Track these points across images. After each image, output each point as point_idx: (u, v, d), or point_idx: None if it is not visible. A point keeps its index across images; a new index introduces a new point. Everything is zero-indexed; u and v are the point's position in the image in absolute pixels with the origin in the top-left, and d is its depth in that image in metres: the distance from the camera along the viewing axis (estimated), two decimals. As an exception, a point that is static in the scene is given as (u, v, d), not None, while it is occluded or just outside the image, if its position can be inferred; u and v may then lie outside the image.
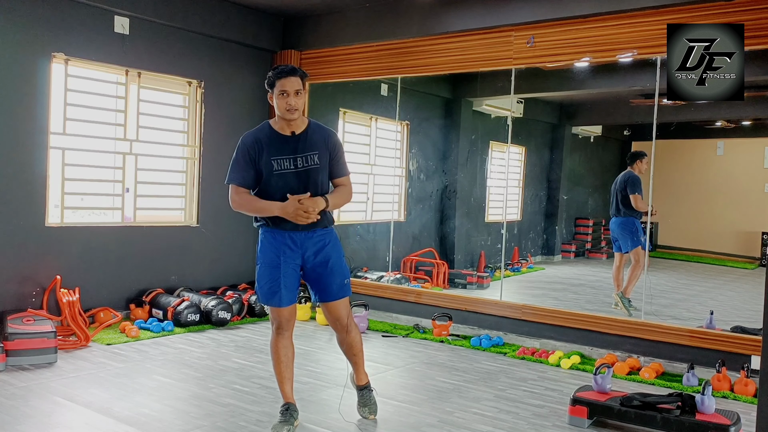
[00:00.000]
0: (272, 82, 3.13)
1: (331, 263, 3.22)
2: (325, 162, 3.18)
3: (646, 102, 5.30)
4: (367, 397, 3.47)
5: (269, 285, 3.16)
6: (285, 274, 3.16)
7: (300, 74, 3.13)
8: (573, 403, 3.51)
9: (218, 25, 6.07)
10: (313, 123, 3.25)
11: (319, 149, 3.16)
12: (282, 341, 3.23)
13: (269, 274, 3.17)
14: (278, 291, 3.15)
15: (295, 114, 3.11)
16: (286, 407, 3.24)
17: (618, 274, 6.02)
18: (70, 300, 4.87)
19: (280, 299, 3.16)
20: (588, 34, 4.92)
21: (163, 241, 5.87)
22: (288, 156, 3.13)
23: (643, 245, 5.93)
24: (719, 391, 4.09)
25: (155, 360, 4.47)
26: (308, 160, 3.14)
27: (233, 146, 3.38)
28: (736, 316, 5.81)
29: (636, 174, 5.94)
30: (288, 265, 3.17)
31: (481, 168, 8.11)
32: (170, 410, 3.50)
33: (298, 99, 3.10)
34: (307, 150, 3.15)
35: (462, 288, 6.93)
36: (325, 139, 3.21)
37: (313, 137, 3.19)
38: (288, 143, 3.15)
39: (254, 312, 5.88)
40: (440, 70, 5.89)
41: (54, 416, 3.35)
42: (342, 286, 3.27)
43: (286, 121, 3.15)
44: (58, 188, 5.18)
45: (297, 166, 3.12)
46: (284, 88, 3.08)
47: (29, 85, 4.92)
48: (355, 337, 3.38)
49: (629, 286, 5.79)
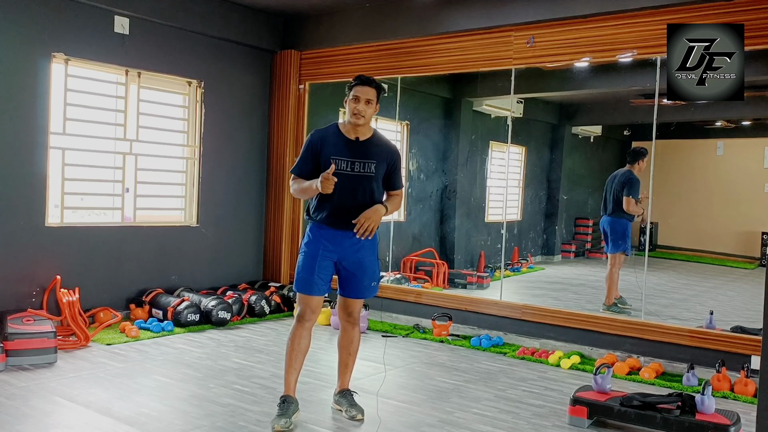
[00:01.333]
0: (351, 86, 3.39)
1: (364, 264, 3.40)
2: (380, 173, 3.36)
3: (646, 102, 5.30)
4: (352, 399, 3.53)
5: (305, 274, 3.35)
6: (321, 266, 3.34)
7: (376, 86, 3.37)
8: (573, 403, 3.51)
9: (218, 25, 6.07)
10: (378, 134, 3.45)
11: (378, 160, 3.35)
12: (301, 330, 3.38)
13: (308, 263, 3.35)
14: (312, 280, 3.33)
15: (360, 120, 3.31)
16: (284, 400, 3.34)
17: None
18: (70, 300, 4.87)
19: (311, 288, 3.34)
20: (588, 34, 4.92)
21: (163, 241, 5.87)
22: (347, 158, 3.31)
23: (627, 251, 5.91)
24: (719, 391, 4.09)
25: (155, 360, 4.47)
26: (365, 167, 3.32)
27: (233, 146, 3.42)
28: (736, 316, 5.81)
29: (636, 175, 5.83)
30: (326, 259, 3.35)
31: (481, 168, 8.11)
32: (170, 410, 3.50)
33: (367, 107, 3.32)
34: (366, 157, 3.33)
35: (462, 288, 6.93)
36: (386, 152, 3.40)
37: (375, 148, 3.38)
38: (349, 146, 3.34)
39: (254, 312, 5.88)
40: (440, 70, 5.89)
41: (54, 416, 3.35)
42: (369, 287, 3.45)
43: (352, 125, 3.35)
44: (58, 188, 5.18)
45: (353, 170, 3.30)
46: (357, 94, 3.33)
47: (29, 85, 4.92)
48: (358, 333, 3.54)
49: (610, 293, 5.76)
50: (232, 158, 6.41)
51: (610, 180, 6.06)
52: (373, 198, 3.36)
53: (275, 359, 4.56)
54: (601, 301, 5.81)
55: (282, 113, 6.66)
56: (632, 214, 5.85)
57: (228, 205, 6.41)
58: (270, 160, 6.73)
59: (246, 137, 6.53)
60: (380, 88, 3.39)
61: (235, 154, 6.44)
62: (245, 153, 6.52)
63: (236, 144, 6.45)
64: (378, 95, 3.37)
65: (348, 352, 3.54)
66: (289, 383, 3.39)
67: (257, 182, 6.70)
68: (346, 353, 3.55)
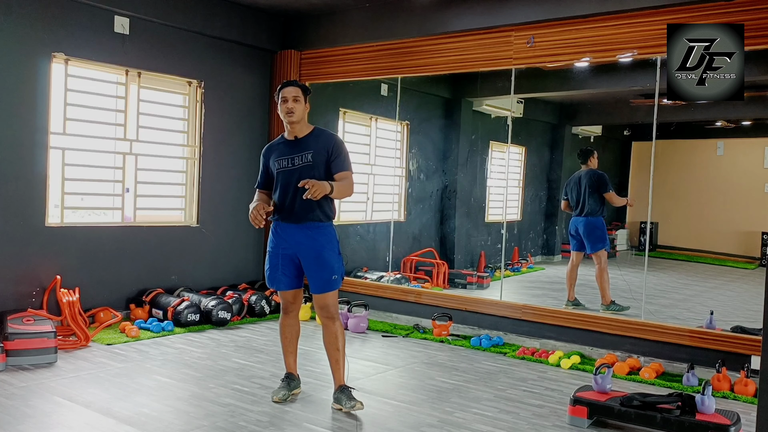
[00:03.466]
0: (277, 92, 3.57)
1: (320, 258, 3.52)
2: (319, 160, 3.50)
3: (646, 102, 5.30)
4: (350, 393, 3.56)
5: (270, 271, 3.63)
6: (283, 262, 3.58)
7: (300, 85, 3.57)
8: (573, 403, 3.51)
9: (218, 25, 6.07)
10: (317, 129, 3.62)
11: (315, 149, 3.52)
12: (287, 320, 3.73)
13: (270, 260, 3.63)
14: (277, 277, 3.61)
15: (293, 116, 3.50)
16: (287, 376, 3.76)
17: (573, 274, 6.00)
18: (70, 300, 4.87)
19: (278, 283, 3.63)
20: (588, 34, 4.92)
21: (163, 241, 5.87)
22: (287, 156, 3.55)
23: (608, 247, 5.95)
24: (719, 391, 4.09)
25: (155, 360, 4.47)
26: (303, 159, 3.51)
27: (233, 146, 3.49)
28: (736, 316, 5.81)
29: (600, 171, 5.89)
30: (286, 254, 3.57)
31: (481, 168, 8.11)
32: (170, 410, 3.50)
33: (296, 104, 3.50)
34: (302, 149, 3.53)
35: (462, 288, 6.93)
36: (323, 141, 3.56)
37: (313, 140, 3.56)
38: (289, 146, 3.58)
39: (254, 312, 5.88)
40: (440, 70, 5.89)
41: (54, 416, 3.35)
42: (330, 281, 3.53)
43: (290, 126, 3.56)
44: (58, 188, 5.18)
45: (293, 164, 3.52)
46: (284, 95, 3.52)
47: (29, 85, 4.92)
48: (339, 328, 3.59)
49: (605, 292, 5.77)
50: (232, 158, 6.41)
51: (574, 183, 6.09)
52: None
53: (275, 359, 4.56)
54: (600, 300, 5.81)
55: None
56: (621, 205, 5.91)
57: (228, 205, 6.41)
58: (270, 160, 6.72)
59: (246, 137, 6.53)
60: (305, 87, 3.58)
61: (235, 154, 6.43)
62: (245, 153, 6.52)
63: (236, 144, 6.44)
64: (304, 93, 3.54)
65: (335, 348, 3.59)
66: (289, 363, 3.79)
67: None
68: (334, 349, 3.60)
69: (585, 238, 5.99)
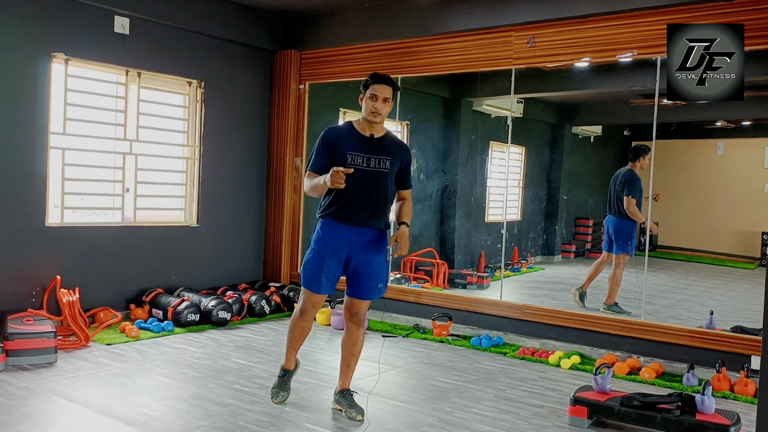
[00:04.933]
0: (367, 84, 3.37)
1: (373, 265, 3.41)
2: (394, 170, 3.40)
3: (646, 102, 5.30)
4: (352, 399, 3.51)
5: (313, 271, 3.39)
6: (329, 265, 3.37)
7: (393, 86, 3.37)
8: (573, 403, 3.51)
9: (218, 25, 6.07)
10: (391, 133, 3.50)
11: (393, 157, 3.39)
12: (302, 322, 3.54)
13: (316, 261, 3.38)
14: (319, 279, 3.38)
15: (377, 118, 3.34)
16: (284, 373, 3.67)
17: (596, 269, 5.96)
18: (70, 300, 4.86)
19: (319, 287, 3.40)
20: (588, 34, 4.92)
21: (163, 241, 5.87)
22: (363, 154, 3.34)
23: (631, 252, 5.87)
24: (719, 391, 4.09)
25: (155, 360, 4.47)
26: (380, 163, 3.35)
27: (233, 146, 3.43)
28: (736, 316, 5.81)
29: (637, 173, 5.77)
30: (334, 258, 3.37)
31: (481, 168, 8.11)
32: (170, 410, 3.50)
33: (385, 106, 3.34)
34: (381, 153, 3.36)
35: (462, 288, 6.93)
36: (400, 150, 3.46)
37: (390, 145, 3.43)
38: (365, 143, 3.37)
39: (254, 312, 5.88)
40: (440, 70, 5.89)
41: (54, 416, 3.35)
42: (376, 288, 3.46)
43: (368, 122, 3.38)
44: (58, 188, 5.18)
45: (369, 165, 3.33)
46: (375, 93, 3.33)
47: (29, 85, 4.92)
48: (362, 334, 3.54)
49: (612, 293, 5.75)
50: (232, 158, 6.41)
51: (612, 179, 6.03)
52: (387, 196, 3.39)
53: (275, 359, 4.56)
54: (602, 301, 5.81)
55: (282, 113, 6.66)
56: (632, 216, 5.77)
57: (228, 205, 6.41)
58: (270, 160, 6.73)
59: (246, 137, 6.53)
60: (397, 86, 3.42)
61: (235, 154, 6.43)
62: (245, 153, 6.52)
63: (236, 144, 6.44)
64: (394, 93, 3.39)
65: (351, 353, 3.52)
66: (290, 358, 3.65)
67: (257, 182, 6.70)
68: (349, 353, 3.52)
69: (612, 238, 5.95)
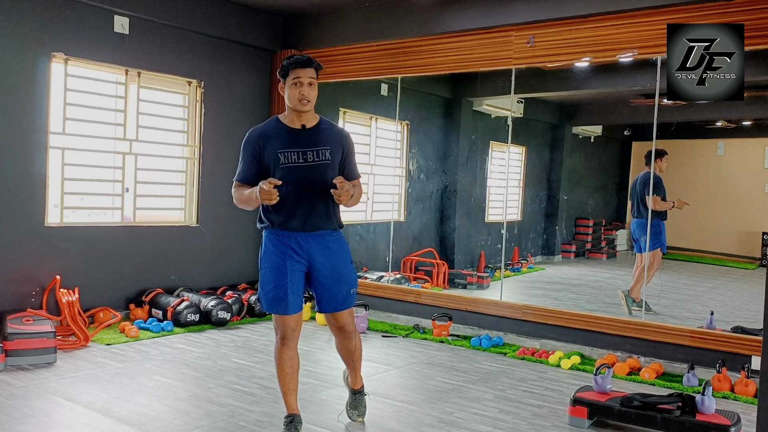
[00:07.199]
0: (286, 71, 2.99)
1: (338, 271, 3.08)
2: (336, 159, 3.04)
3: (647, 102, 5.30)
4: (359, 401, 3.42)
5: (275, 291, 2.99)
6: (292, 279, 2.99)
7: (315, 65, 3.01)
8: (573, 404, 3.51)
9: (218, 24, 6.07)
10: (324, 120, 3.13)
11: (332, 145, 3.03)
12: (287, 352, 3.07)
13: (275, 279, 2.99)
14: (285, 298, 2.98)
15: (307, 106, 2.98)
16: (291, 419, 3.09)
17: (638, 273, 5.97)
18: (69, 300, 4.87)
19: (286, 307, 2.99)
20: (588, 34, 4.92)
21: (162, 241, 5.87)
22: (296, 149, 2.99)
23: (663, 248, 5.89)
24: (719, 391, 4.09)
25: (155, 360, 4.47)
26: (318, 155, 2.99)
27: (233, 146, 3.35)
28: (736, 317, 5.81)
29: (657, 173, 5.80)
30: (294, 271, 3.01)
31: (482, 168, 8.12)
32: (170, 410, 3.50)
33: (312, 90, 2.98)
34: (318, 144, 3.01)
35: (462, 288, 6.93)
36: (338, 136, 3.10)
37: (326, 133, 3.06)
38: (297, 136, 3.01)
39: (254, 312, 5.88)
40: (440, 70, 5.89)
41: (53, 416, 3.35)
42: (348, 296, 3.12)
43: (297, 113, 3.02)
44: (58, 188, 5.18)
45: (306, 160, 2.98)
46: (299, 77, 2.95)
47: (29, 85, 4.92)
48: (357, 343, 3.28)
49: (635, 284, 5.75)
50: (232, 158, 6.36)
51: (632, 185, 6.08)
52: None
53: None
54: (600, 300, 5.81)
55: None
56: (661, 209, 5.80)
57: (228, 205, 6.34)
58: (270, 160, 6.72)
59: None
60: (320, 66, 3.03)
61: (235, 154, 6.33)
62: (245, 153, 6.51)
63: (236, 144, 6.37)
64: (318, 74, 3.01)
65: (351, 359, 3.31)
66: (291, 404, 3.10)
67: (257, 182, 6.69)
68: (349, 360, 3.32)
69: (638, 239, 5.97)
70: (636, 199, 5.96)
